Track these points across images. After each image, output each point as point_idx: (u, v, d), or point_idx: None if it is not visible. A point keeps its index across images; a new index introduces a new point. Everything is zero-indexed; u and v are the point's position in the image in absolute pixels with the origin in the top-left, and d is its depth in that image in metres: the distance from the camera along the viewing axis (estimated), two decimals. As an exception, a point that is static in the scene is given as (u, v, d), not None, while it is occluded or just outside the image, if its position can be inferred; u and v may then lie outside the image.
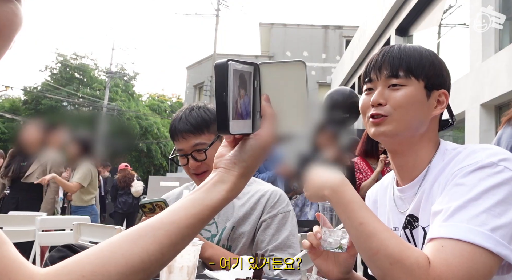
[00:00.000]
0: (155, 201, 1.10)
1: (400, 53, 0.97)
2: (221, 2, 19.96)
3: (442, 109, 0.99)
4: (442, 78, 0.98)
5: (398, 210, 1.03)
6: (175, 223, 0.58)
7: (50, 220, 3.29)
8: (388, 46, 1.03)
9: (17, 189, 4.08)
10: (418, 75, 0.96)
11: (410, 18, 8.66)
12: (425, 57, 0.97)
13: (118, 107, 20.65)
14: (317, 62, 19.21)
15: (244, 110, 0.62)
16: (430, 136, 0.99)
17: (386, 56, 0.98)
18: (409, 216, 0.99)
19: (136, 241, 0.54)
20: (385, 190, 1.11)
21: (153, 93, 27.42)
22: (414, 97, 0.95)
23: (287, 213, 1.39)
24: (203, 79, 19.24)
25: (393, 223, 1.05)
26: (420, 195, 0.96)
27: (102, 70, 23.10)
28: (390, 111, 0.96)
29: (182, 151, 1.40)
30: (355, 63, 12.42)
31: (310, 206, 3.80)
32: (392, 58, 0.97)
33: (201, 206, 0.60)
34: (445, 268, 0.76)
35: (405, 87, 0.95)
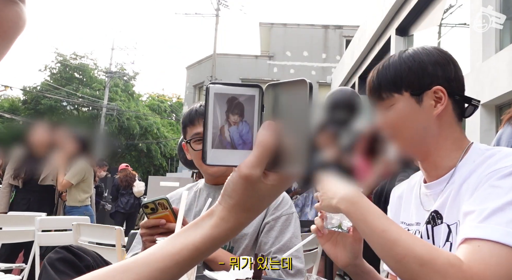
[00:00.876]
0: (157, 200, 1.10)
1: (378, 76, 1.01)
2: (221, 2, 19.96)
3: (443, 105, 0.97)
4: (428, 77, 0.97)
5: (423, 206, 1.04)
6: (148, 265, 0.50)
7: (50, 220, 3.29)
8: (376, 66, 1.05)
9: (29, 190, 4.12)
10: (398, 89, 0.97)
11: (410, 18, 8.65)
12: (400, 67, 0.98)
13: (118, 107, 20.64)
14: (317, 62, 19.20)
15: (236, 139, 0.54)
16: (445, 134, 0.99)
17: (368, 84, 1.03)
18: (433, 212, 0.98)
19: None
20: (412, 187, 1.12)
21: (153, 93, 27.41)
22: (404, 112, 0.97)
23: (290, 215, 1.40)
24: (203, 79, 19.23)
25: (416, 218, 1.05)
26: (448, 193, 0.96)
27: (101, 70, 23.10)
28: (392, 133, 1.01)
29: (200, 134, 1.40)
30: (355, 63, 12.41)
31: (310, 206, 3.80)
32: (372, 84, 1.02)
33: (181, 246, 0.51)
34: (483, 266, 0.76)
35: (394, 106, 0.98)
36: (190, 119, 1.46)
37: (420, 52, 0.99)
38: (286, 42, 19.41)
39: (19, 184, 4.11)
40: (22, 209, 3.97)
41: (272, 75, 19.31)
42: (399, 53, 1.02)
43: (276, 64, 19.37)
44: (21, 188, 4.14)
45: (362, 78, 12.36)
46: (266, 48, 20.37)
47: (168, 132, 24.31)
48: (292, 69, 19.24)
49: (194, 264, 0.53)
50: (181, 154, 3.84)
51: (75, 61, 22.04)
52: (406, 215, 1.09)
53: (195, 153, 1.44)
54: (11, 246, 3.60)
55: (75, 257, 0.97)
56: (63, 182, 4.24)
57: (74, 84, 21.21)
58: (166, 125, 25.06)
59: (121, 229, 2.34)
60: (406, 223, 1.09)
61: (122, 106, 21.09)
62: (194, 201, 1.51)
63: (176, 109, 26.74)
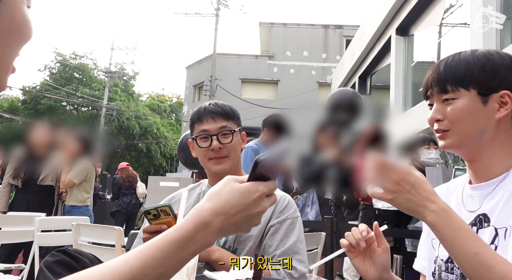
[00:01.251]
0: (160, 207, 1.09)
1: (445, 68, 1.00)
2: (221, 2, 19.95)
3: (507, 110, 0.96)
4: (498, 79, 0.96)
5: (465, 208, 1.03)
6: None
7: (49, 220, 3.28)
8: (438, 61, 1.04)
9: (28, 190, 4.12)
10: (466, 85, 0.96)
11: (410, 17, 8.65)
12: (473, 64, 0.97)
13: (118, 107, 20.63)
14: (317, 62, 19.19)
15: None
16: (501, 139, 0.98)
17: (434, 73, 1.02)
18: (482, 215, 0.97)
19: None
20: (453, 190, 1.11)
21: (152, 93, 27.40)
22: (467, 108, 0.96)
23: (295, 219, 1.40)
24: (203, 79, 19.22)
25: None
26: (500, 197, 0.95)
27: (101, 70, 23.09)
28: (449, 125, 0.99)
29: (207, 131, 1.44)
30: (355, 63, 12.41)
31: (311, 206, 3.80)
32: (439, 75, 1.00)
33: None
34: None
35: (457, 100, 0.97)
36: (199, 116, 1.47)
37: (493, 53, 0.99)
38: (286, 42, 19.41)
39: (18, 183, 4.11)
40: (21, 209, 3.97)
41: (272, 75, 19.30)
42: (471, 50, 1.01)
43: (276, 64, 19.36)
44: (21, 188, 4.13)
45: (362, 78, 12.35)
46: (266, 48, 20.36)
47: (168, 132, 24.31)
48: (292, 69, 19.23)
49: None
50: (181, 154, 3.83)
51: (75, 61, 22.04)
52: None
53: (200, 150, 1.45)
54: (10, 246, 3.59)
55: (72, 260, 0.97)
56: (65, 180, 4.24)
57: (73, 84, 21.21)
58: (166, 125, 25.06)
59: (121, 229, 2.33)
60: None
61: (122, 106, 21.08)
62: (198, 202, 1.50)
63: (176, 109, 26.73)
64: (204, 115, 1.46)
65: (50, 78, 21.37)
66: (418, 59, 9.30)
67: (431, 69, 1.05)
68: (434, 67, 1.03)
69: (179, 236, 0.63)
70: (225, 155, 1.44)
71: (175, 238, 0.63)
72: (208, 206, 0.66)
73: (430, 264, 1.09)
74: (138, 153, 21.51)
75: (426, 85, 1.04)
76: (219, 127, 1.44)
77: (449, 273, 1.01)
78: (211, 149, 1.43)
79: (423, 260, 1.14)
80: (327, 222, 2.95)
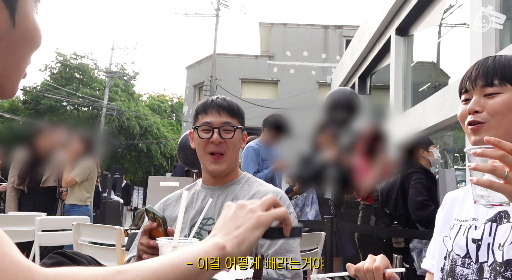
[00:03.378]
0: (157, 215, 1.11)
1: (494, 63, 1.01)
2: (221, 2, 19.95)
3: None
4: None
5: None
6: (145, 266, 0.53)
7: (50, 220, 3.28)
8: (483, 58, 1.06)
9: (34, 192, 4.15)
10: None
11: (410, 18, 8.65)
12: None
13: (118, 107, 20.64)
14: (317, 62, 19.19)
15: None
16: None
17: (480, 68, 1.03)
18: (502, 212, 0.98)
19: None
20: (471, 193, 1.12)
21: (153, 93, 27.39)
22: (510, 103, 0.97)
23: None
24: (203, 79, 19.22)
25: (473, 214, 1.05)
26: None
27: (101, 70, 23.10)
28: (487, 118, 0.99)
29: (210, 124, 1.44)
30: (355, 63, 12.41)
31: (310, 206, 3.80)
32: (486, 69, 1.01)
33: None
34: None
35: (501, 95, 0.98)
36: (205, 107, 1.47)
37: None
38: (286, 42, 19.41)
39: (24, 189, 4.14)
40: (27, 210, 3.98)
41: (272, 75, 19.31)
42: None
43: (276, 64, 19.37)
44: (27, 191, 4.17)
45: (362, 78, 12.35)
46: (266, 48, 20.37)
47: (168, 132, 24.30)
48: (292, 69, 19.24)
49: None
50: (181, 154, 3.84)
51: (75, 61, 22.04)
52: (461, 213, 1.09)
53: (200, 141, 1.45)
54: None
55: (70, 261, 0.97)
56: (67, 179, 4.24)
57: (74, 84, 21.21)
58: (166, 125, 25.06)
59: (121, 229, 2.34)
60: (459, 219, 1.09)
61: (122, 106, 21.08)
62: (192, 202, 1.50)
63: (176, 109, 26.73)
64: (210, 107, 1.46)
65: (51, 78, 21.37)
66: (417, 59, 9.30)
67: (475, 64, 1.06)
68: (480, 62, 1.05)
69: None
70: (223, 151, 1.43)
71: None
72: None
73: (440, 260, 1.10)
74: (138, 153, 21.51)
75: (468, 78, 1.04)
76: (223, 121, 1.43)
77: (465, 268, 1.01)
78: (210, 142, 1.43)
79: (431, 259, 1.16)
80: (327, 222, 2.96)
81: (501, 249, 0.94)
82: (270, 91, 19.27)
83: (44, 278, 0.45)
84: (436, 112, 6.59)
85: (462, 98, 1.06)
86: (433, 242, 1.17)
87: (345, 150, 3.17)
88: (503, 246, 0.93)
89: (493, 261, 0.94)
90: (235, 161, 1.50)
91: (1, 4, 0.53)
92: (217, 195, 1.46)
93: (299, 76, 18.96)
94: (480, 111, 0.99)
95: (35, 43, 0.59)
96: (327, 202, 3.94)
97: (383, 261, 0.97)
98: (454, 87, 6.87)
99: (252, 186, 1.47)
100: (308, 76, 19.02)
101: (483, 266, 0.96)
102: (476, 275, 0.97)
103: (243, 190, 1.46)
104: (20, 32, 0.55)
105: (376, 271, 0.94)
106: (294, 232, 0.71)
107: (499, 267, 0.92)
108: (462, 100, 1.06)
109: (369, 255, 1.01)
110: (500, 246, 0.94)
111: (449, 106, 6.18)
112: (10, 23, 0.54)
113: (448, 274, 1.04)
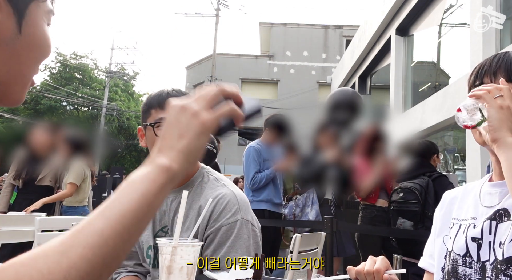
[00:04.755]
0: None
1: (511, 56, 0.99)
2: (221, 2, 19.96)
3: None
4: None
5: (482, 204, 1.04)
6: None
7: (50, 220, 3.28)
8: (502, 52, 1.04)
9: (30, 191, 4.15)
10: None
11: (410, 18, 8.65)
12: None
13: (118, 107, 20.64)
14: (317, 62, 19.20)
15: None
16: None
17: (501, 62, 1.00)
18: (502, 210, 0.98)
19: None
20: (470, 191, 1.12)
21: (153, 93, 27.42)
22: None
23: (232, 224, 1.22)
24: (203, 79, 19.23)
25: (472, 213, 1.05)
26: None
27: (101, 70, 23.10)
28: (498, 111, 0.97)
29: None
30: (355, 63, 12.41)
31: (311, 206, 3.80)
32: (509, 64, 0.99)
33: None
34: None
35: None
36: (159, 101, 1.32)
37: None
38: (286, 42, 19.42)
39: (19, 184, 4.13)
40: (23, 210, 3.98)
41: (272, 75, 19.31)
42: None
43: (276, 64, 19.37)
44: (22, 189, 4.16)
45: (362, 78, 12.35)
46: (266, 48, 20.38)
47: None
48: (292, 69, 19.24)
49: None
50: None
51: (75, 61, 22.04)
52: (460, 212, 1.09)
53: (155, 139, 1.27)
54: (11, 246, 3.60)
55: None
56: (68, 186, 4.24)
57: (74, 84, 21.21)
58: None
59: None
60: (458, 219, 1.09)
61: (122, 106, 21.09)
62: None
63: (176, 109, 26.69)
64: (164, 102, 1.30)
65: (51, 78, 21.37)
66: (418, 59, 9.30)
67: (494, 56, 1.04)
68: (499, 55, 1.03)
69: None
70: None
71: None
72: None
73: (440, 259, 1.10)
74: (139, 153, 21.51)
75: (486, 70, 1.02)
76: None
77: (467, 267, 1.01)
78: None
79: (429, 258, 1.16)
80: (327, 222, 2.95)
81: (501, 247, 0.93)
82: (270, 91, 19.28)
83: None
84: (436, 112, 6.59)
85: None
86: (430, 241, 1.17)
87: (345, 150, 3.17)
88: (504, 244, 0.93)
89: (494, 259, 0.94)
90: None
91: (10, 11, 0.53)
92: (171, 200, 1.32)
93: (299, 76, 18.98)
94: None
95: (42, 52, 0.58)
96: (327, 202, 3.94)
97: (384, 263, 0.97)
98: (454, 87, 6.88)
99: (204, 189, 1.31)
100: (308, 76, 19.03)
101: (485, 265, 0.96)
102: (480, 274, 0.97)
103: (195, 196, 1.30)
104: (26, 40, 0.55)
105: (377, 274, 0.94)
106: (250, 114, 0.64)
107: (500, 265, 0.92)
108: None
109: (369, 257, 1.00)
110: (500, 244, 0.94)
111: (449, 106, 6.18)
112: (16, 30, 0.54)
113: (451, 275, 1.04)
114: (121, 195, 0.52)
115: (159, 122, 1.29)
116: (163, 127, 0.60)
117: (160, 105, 1.32)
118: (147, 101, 1.38)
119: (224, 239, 1.22)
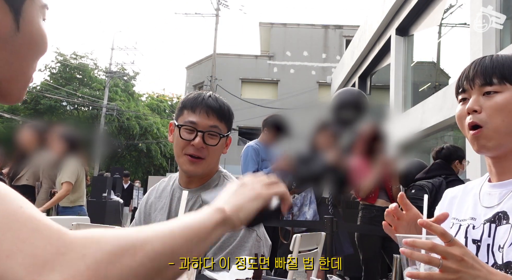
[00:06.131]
0: None
1: (492, 62, 1.00)
2: (221, 2, 19.95)
3: None
4: None
5: (481, 204, 1.03)
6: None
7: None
8: (480, 57, 1.05)
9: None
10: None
11: (410, 18, 8.65)
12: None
13: (118, 107, 20.63)
14: (317, 62, 19.20)
15: None
16: None
17: (478, 67, 1.01)
18: (501, 212, 0.97)
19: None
20: (470, 189, 1.12)
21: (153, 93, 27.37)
22: (510, 103, 0.96)
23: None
24: (203, 79, 19.23)
25: (471, 213, 1.05)
26: None
27: (101, 70, 23.08)
28: (485, 119, 0.97)
29: (196, 125, 1.31)
30: (355, 63, 12.41)
31: (309, 205, 3.80)
32: (485, 68, 1.00)
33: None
34: None
35: (499, 94, 0.97)
36: (193, 105, 1.34)
37: None
38: (286, 42, 19.42)
39: (6, 182, 4.08)
40: None
41: (272, 75, 19.31)
42: (510, 54, 1.03)
43: (276, 64, 19.37)
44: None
45: (362, 78, 12.36)
46: (266, 48, 20.38)
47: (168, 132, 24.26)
48: (292, 69, 19.24)
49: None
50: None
51: (75, 61, 22.02)
52: (459, 212, 1.09)
53: (179, 140, 1.34)
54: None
55: None
56: (63, 185, 4.15)
57: (74, 84, 21.20)
58: (166, 125, 25.03)
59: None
60: (458, 219, 1.09)
61: (122, 106, 21.07)
62: (172, 203, 1.43)
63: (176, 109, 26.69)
64: (199, 106, 1.32)
65: (51, 78, 21.34)
66: (418, 59, 9.31)
67: (472, 63, 1.04)
68: (477, 61, 1.03)
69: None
70: (203, 156, 1.32)
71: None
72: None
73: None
74: (138, 153, 21.50)
75: (466, 77, 1.02)
76: (210, 125, 1.31)
77: None
78: (191, 144, 1.31)
79: None
80: (327, 222, 2.95)
81: (501, 251, 0.93)
82: (270, 91, 19.29)
83: (73, 238, 0.46)
84: (436, 112, 6.59)
85: (459, 98, 1.04)
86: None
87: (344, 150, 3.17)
88: (503, 248, 0.93)
89: (494, 263, 0.93)
90: (214, 165, 1.40)
91: (6, 8, 0.54)
92: (188, 199, 1.32)
93: (299, 76, 18.98)
94: (479, 111, 0.97)
95: (40, 49, 0.59)
96: (324, 201, 3.94)
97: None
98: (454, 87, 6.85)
99: (218, 192, 1.35)
100: (308, 76, 19.03)
101: None
102: None
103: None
104: (24, 37, 0.56)
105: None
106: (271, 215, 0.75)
107: (500, 269, 0.91)
108: (459, 100, 1.04)
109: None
110: (500, 248, 0.93)
111: (449, 106, 6.18)
112: (14, 27, 0.54)
113: None
114: (184, 218, 0.59)
115: (188, 125, 1.32)
116: (221, 195, 0.72)
117: (193, 108, 1.33)
118: (184, 100, 1.40)
119: (226, 244, 1.21)
